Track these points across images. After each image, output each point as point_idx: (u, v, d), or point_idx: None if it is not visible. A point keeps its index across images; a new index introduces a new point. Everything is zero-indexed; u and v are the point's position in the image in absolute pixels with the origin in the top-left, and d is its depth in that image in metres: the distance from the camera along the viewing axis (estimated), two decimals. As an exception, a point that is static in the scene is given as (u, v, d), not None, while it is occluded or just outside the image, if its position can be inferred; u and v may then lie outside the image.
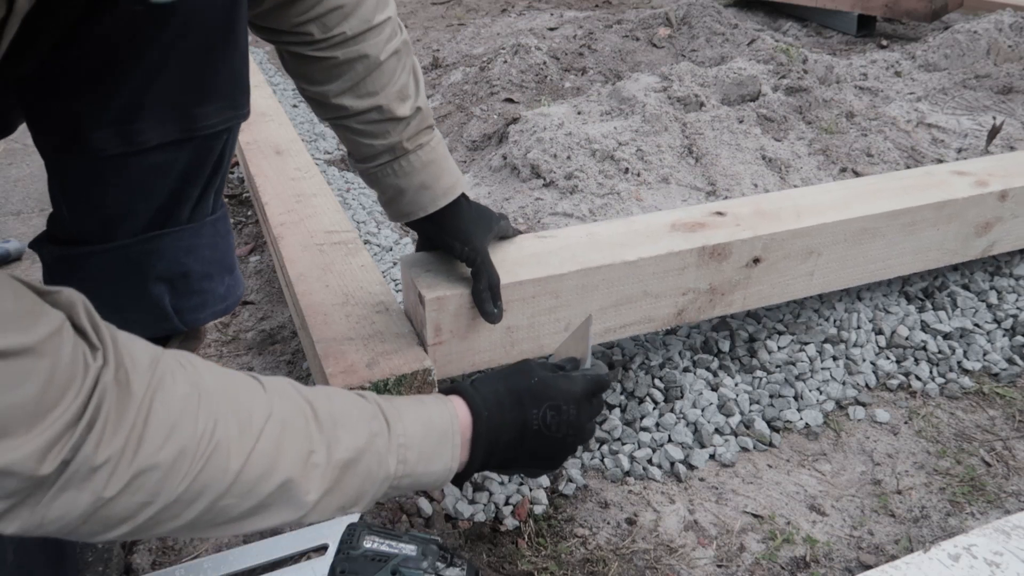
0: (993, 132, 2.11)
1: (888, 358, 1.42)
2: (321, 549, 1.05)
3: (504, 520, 1.11)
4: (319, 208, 1.53)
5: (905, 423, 1.30)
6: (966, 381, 1.37)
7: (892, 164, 2.07)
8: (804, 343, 1.43)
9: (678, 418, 1.28)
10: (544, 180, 1.94)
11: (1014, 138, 2.19)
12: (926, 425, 1.29)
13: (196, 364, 0.65)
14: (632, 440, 1.24)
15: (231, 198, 2.18)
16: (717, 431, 1.26)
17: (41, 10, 0.71)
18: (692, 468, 1.21)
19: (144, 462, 0.57)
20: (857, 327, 1.47)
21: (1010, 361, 1.42)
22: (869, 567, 1.01)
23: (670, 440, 1.24)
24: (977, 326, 1.49)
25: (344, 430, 0.72)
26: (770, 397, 1.32)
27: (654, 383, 1.34)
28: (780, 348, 1.42)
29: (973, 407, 1.33)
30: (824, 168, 2.06)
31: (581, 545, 1.07)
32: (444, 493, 1.14)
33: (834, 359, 1.41)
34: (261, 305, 1.68)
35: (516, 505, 1.13)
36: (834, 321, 1.50)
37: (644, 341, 1.43)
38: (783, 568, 1.04)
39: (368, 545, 0.90)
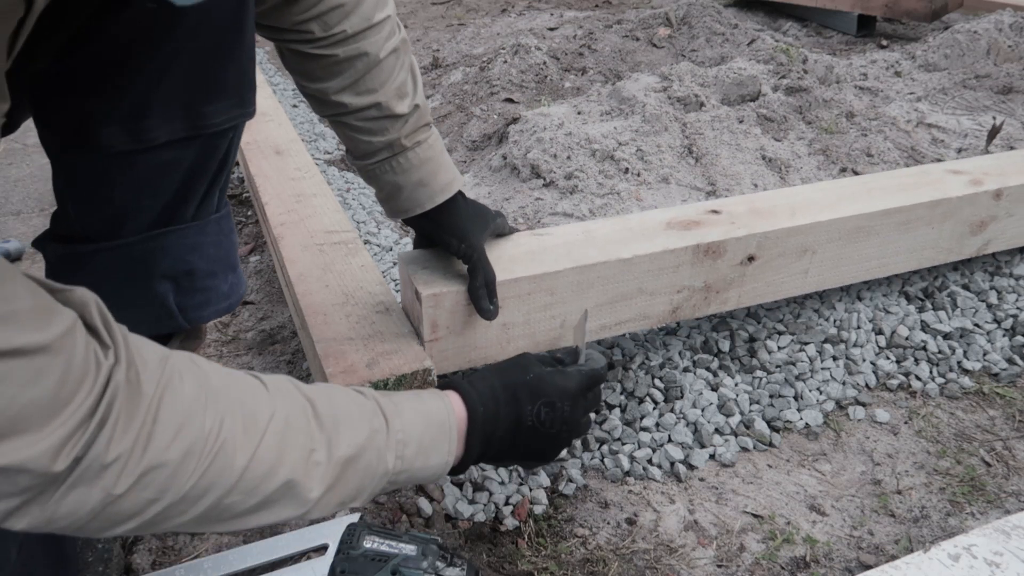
0: (993, 132, 2.11)
1: (888, 358, 1.42)
2: (321, 549, 1.05)
3: (504, 520, 1.11)
4: (319, 208, 1.53)
5: (905, 423, 1.30)
6: (966, 381, 1.37)
7: (892, 164, 2.07)
8: (804, 343, 1.43)
9: (678, 418, 1.28)
10: (544, 180, 1.94)
11: (1014, 138, 2.19)
12: (926, 425, 1.29)
13: (202, 364, 0.66)
14: (632, 440, 1.24)
15: (231, 198, 2.18)
16: (717, 431, 1.26)
17: (56, 7, 0.71)
18: (692, 468, 1.21)
19: (153, 459, 0.58)
20: (857, 327, 1.47)
21: (1010, 361, 1.42)
22: (869, 567, 1.01)
23: (670, 440, 1.24)
24: (977, 326, 1.49)
25: (345, 428, 0.72)
26: (770, 397, 1.32)
27: (654, 383, 1.34)
28: (780, 348, 1.42)
29: (973, 407, 1.33)
30: (824, 168, 2.06)
31: (581, 545, 1.07)
32: (444, 493, 1.14)
33: (834, 359, 1.41)
34: (261, 305, 1.68)
35: (516, 505, 1.13)
36: (834, 321, 1.50)
37: (644, 341, 1.43)
38: (783, 568, 1.04)
39: (368, 545, 0.90)
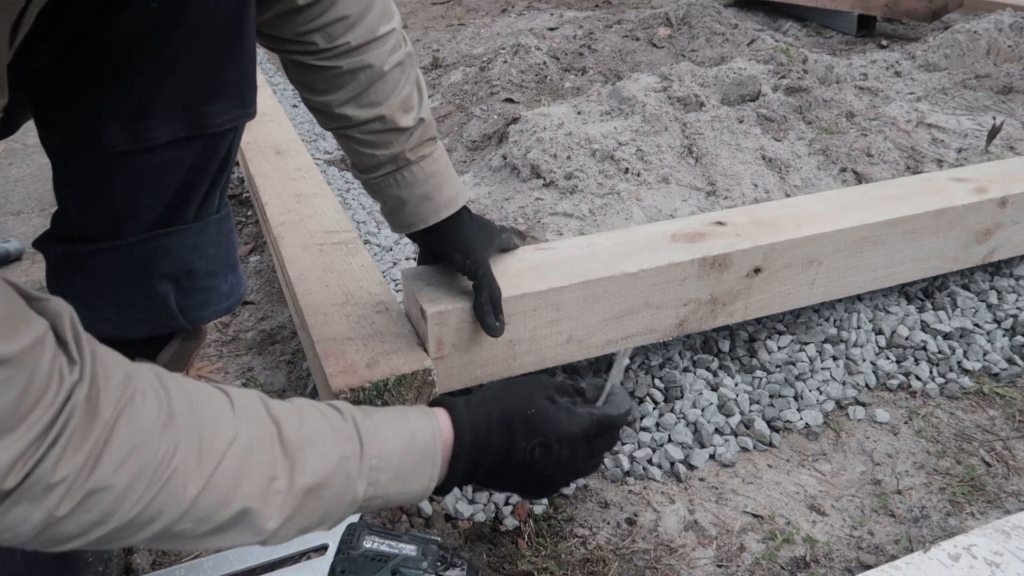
0: (993, 132, 2.11)
1: (888, 358, 1.42)
2: (321, 549, 1.05)
3: (504, 520, 1.11)
4: (319, 208, 1.53)
5: (905, 423, 1.30)
6: (966, 381, 1.37)
7: (892, 164, 2.07)
8: (804, 343, 1.43)
9: (678, 418, 1.28)
10: (544, 180, 1.94)
11: (1014, 138, 2.18)
12: (926, 425, 1.29)
13: (168, 383, 0.63)
14: (632, 440, 1.24)
15: (231, 198, 2.18)
16: (717, 431, 1.26)
17: (57, 5, 0.71)
18: (692, 468, 1.21)
19: (98, 483, 0.56)
20: (857, 327, 1.47)
21: (1010, 361, 1.42)
22: (869, 567, 1.01)
23: (670, 440, 1.24)
24: (977, 326, 1.49)
25: (311, 453, 0.69)
26: (770, 397, 1.32)
27: (654, 383, 1.34)
28: (780, 348, 1.42)
29: (973, 407, 1.33)
30: (824, 168, 2.06)
31: (581, 545, 1.07)
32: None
33: (834, 359, 1.41)
34: (261, 305, 1.68)
35: (516, 505, 1.13)
36: (834, 321, 1.50)
37: (644, 341, 1.44)
38: (783, 568, 1.04)
39: (368, 545, 0.90)
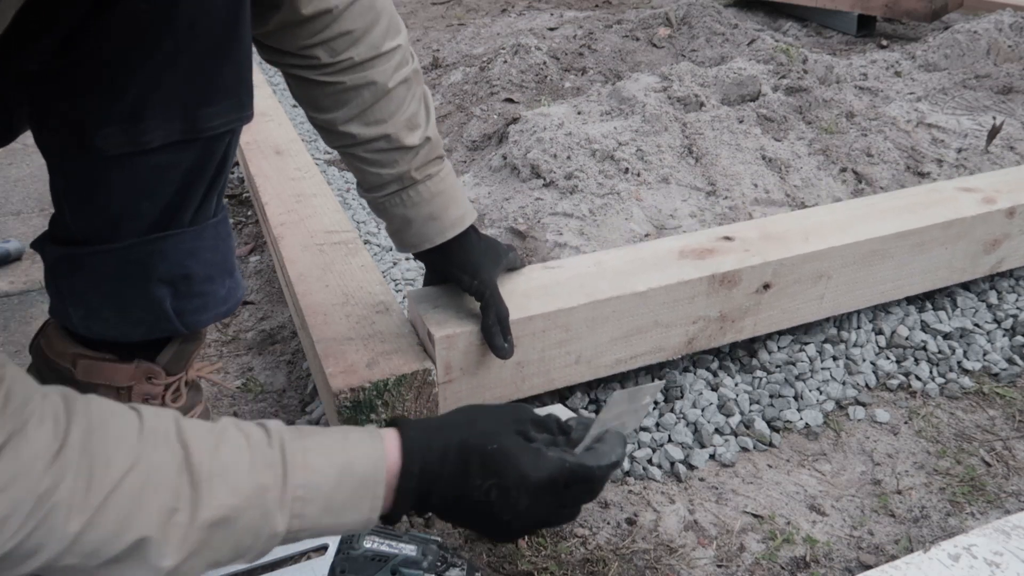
0: (993, 132, 2.11)
1: (888, 358, 1.43)
2: (321, 549, 1.05)
3: (504, 520, 1.11)
4: (319, 208, 1.53)
5: (905, 423, 1.30)
6: (966, 381, 1.37)
7: (892, 164, 2.07)
8: (804, 343, 1.43)
9: (678, 418, 1.28)
10: (544, 180, 1.94)
11: (1014, 138, 2.18)
12: (926, 425, 1.29)
13: (72, 408, 0.60)
14: (632, 440, 1.24)
15: (231, 198, 2.18)
16: (717, 431, 1.26)
17: (46, 5, 0.70)
18: (692, 468, 1.21)
19: None
20: (857, 327, 1.47)
21: (1010, 361, 1.42)
22: (869, 567, 1.01)
23: (670, 440, 1.24)
24: (977, 326, 1.49)
25: (220, 484, 0.64)
26: (770, 397, 1.32)
27: (653, 380, 1.33)
28: (780, 348, 1.42)
29: (973, 407, 1.33)
30: (824, 168, 2.06)
31: (581, 545, 1.07)
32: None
33: (834, 359, 1.41)
34: (261, 305, 1.68)
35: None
36: (834, 321, 1.50)
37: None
38: (783, 568, 1.04)
39: (368, 545, 0.90)
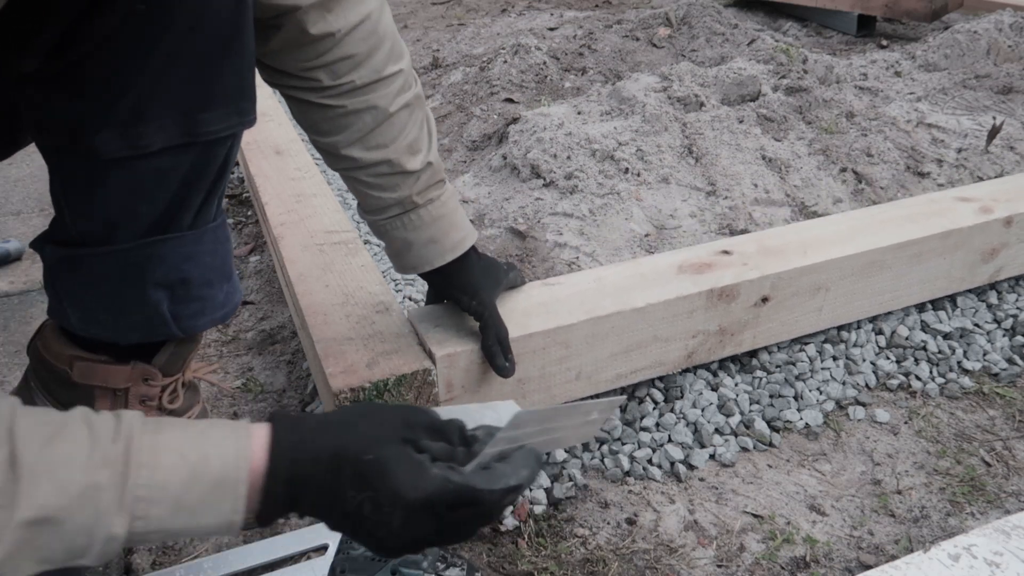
0: (993, 132, 2.11)
1: (888, 358, 1.42)
2: (321, 549, 1.05)
3: (504, 520, 1.11)
4: (319, 208, 1.53)
5: (905, 423, 1.30)
6: (966, 381, 1.37)
7: (892, 164, 2.07)
8: (804, 343, 1.43)
9: (678, 418, 1.28)
10: (544, 180, 1.94)
11: (1014, 138, 2.18)
12: (926, 425, 1.29)
13: None
14: (632, 440, 1.24)
15: (231, 198, 2.18)
16: (717, 431, 1.26)
17: (40, 5, 0.70)
18: (692, 468, 1.21)
19: None
20: (857, 327, 1.47)
21: (1010, 361, 1.42)
22: (869, 567, 1.01)
23: (670, 440, 1.24)
24: (977, 326, 1.49)
25: (46, 482, 0.59)
26: (770, 397, 1.32)
27: (654, 383, 1.34)
28: (780, 348, 1.42)
29: (973, 407, 1.33)
30: (824, 168, 2.06)
31: (581, 545, 1.07)
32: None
33: (834, 359, 1.41)
34: (261, 305, 1.68)
35: (516, 505, 1.13)
36: (834, 321, 1.50)
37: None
38: (783, 568, 1.04)
39: (368, 545, 0.89)
